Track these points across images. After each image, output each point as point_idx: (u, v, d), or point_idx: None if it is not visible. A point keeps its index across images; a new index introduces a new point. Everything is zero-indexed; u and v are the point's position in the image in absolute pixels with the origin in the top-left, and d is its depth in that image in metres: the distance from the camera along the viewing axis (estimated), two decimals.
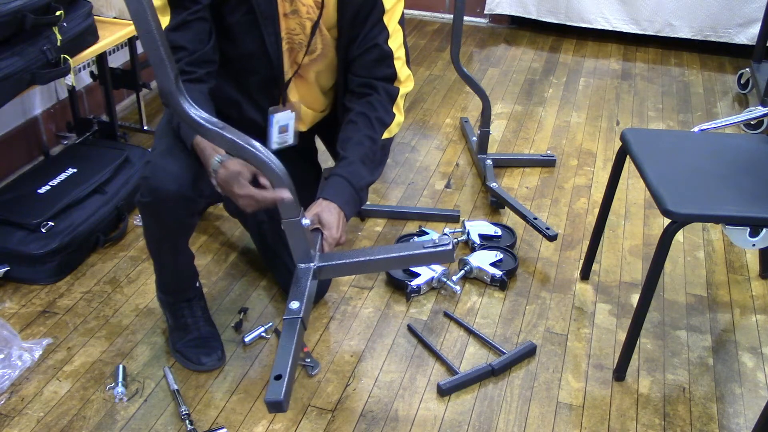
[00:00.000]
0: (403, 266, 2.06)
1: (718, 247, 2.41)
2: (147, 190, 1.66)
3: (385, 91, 1.84)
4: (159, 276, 1.92)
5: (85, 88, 2.85)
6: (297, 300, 1.56)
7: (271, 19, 1.74)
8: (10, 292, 2.10)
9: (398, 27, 1.83)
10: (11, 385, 1.80)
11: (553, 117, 3.21)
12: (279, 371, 1.40)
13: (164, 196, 1.64)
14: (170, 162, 1.66)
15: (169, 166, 1.65)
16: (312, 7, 1.75)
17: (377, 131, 1.83)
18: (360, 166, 1.78)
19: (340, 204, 1.71)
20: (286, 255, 1.93)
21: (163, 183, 1.63)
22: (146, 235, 1.83)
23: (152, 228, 1.78)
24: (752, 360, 1.97)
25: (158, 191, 1.64)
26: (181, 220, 1.74)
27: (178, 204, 1.67)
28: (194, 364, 1.86)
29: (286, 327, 1.52)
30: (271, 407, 1.37)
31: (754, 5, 3.70)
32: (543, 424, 1.76)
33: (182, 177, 1.65)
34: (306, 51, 1.81)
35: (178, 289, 1.91)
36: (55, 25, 2.15)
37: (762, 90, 3.12)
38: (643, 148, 1.91)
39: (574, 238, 2.43)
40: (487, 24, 4.26)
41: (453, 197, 2.63)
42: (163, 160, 1.66)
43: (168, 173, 1.64)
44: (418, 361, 1.92)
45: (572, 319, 2.09)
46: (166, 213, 1.70)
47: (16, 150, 2.59)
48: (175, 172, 1.65)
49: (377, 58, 1.82)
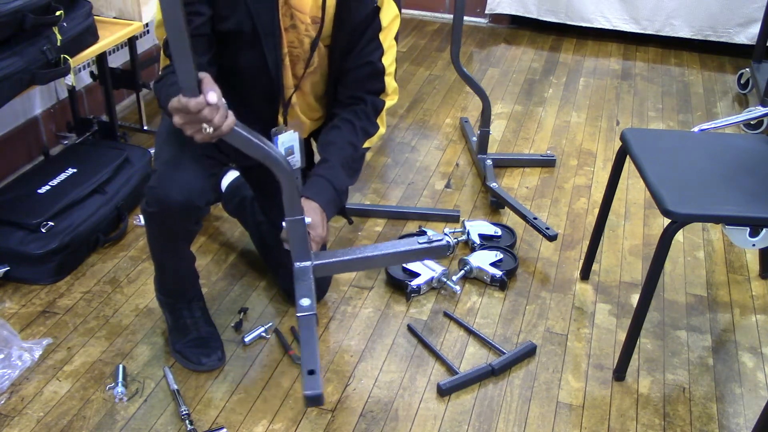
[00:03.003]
0: (399, 262, 2.06)
1: (718, 247, 2.41)
2: (154, 200, 1.66)
3: (372, 103, 1.85)
4: (160, 278, 1.92)
5: (85, 88, 2.85)
6: (307, 297, 1.57)
7: (272, 35, 1.72)
8: (10, 292, 2.10)
9: (393, 43, 1.84)
10: (11, 385, 1.80)
11: (553, 117, 3.21)
12: (311, 366, 1.43)
13: (172, 207, 1.65)
14: (178, 172, 1.66)
15: (177, 177, 1.65)
16: (309, 25, 1.74)
17: (360, 139, 1.84)
18: (341, 170, 1.79)
19: (322, 204, 1.72)
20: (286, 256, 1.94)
21: (171, 193, 1.63)
22: (149, 240, 1.83)
23: (156, 235, 1.78)
24: (752, 360, 1.97)
25: (166, 202, 1.64)
26: (187, 228, 1.76)
27: (185, 214, 1.68)
28: (194, 364, 1.86)
29: (304, 324, 1.53)
30: (310, 401, 1.40)
31: (754, 5, 3.70)
32: (543, 424, 1.76)
33: (190, 187, 1.65)
34: (306, 66, 1.81)
35: (179, 291, 1.92)
36: (55, 25, 2.15)
37: (762, 90, 3.12)
38: (643, 148, 1.91)
39: (574, 238, 2.43)
40: (487, 24, 4.26)
41: (453, 197, 2.63)
42: (171, 170, 1.66)
43: (176, 183, 1.64)
44: (418, 361, 1.92)
45: (572, 319, 2.09)
46: (172, 222, 1.71)
47: (16, 150, 2.59)
48: (183, 182, 1.65)
49: (370, 74, 1.83)
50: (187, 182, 1.65)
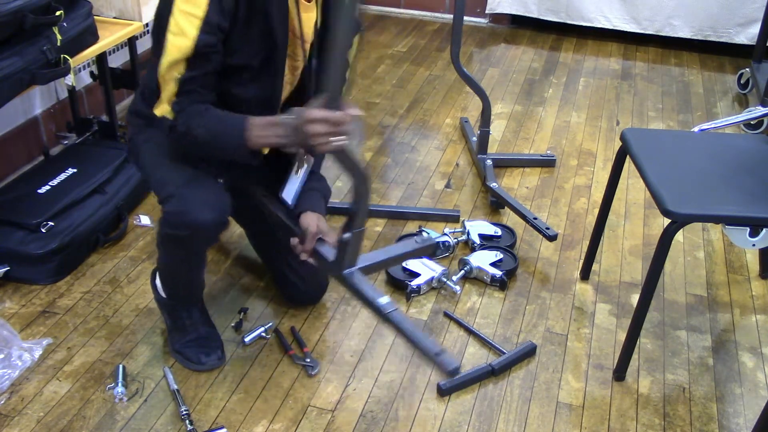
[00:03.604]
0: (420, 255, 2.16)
1: (718, 247, 2.41)
2: (184, 224, 1.65)
3: None
4: (170, 286, 1.91)
5: (85, 88, 2.85)
6: (380, 295, 1.70)
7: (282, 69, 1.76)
8: (10, 292, 2.10)
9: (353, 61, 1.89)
10: (11, 385, 1.80)
11: (553, 117, 3.21)
12: (437, 348, 1.57)
13: (205, 227, 1.66)
14: (201, 192, 1.67)
15: (203, 196, 1.66)
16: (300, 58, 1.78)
17: None
18: (323, 179, 1.98)
19: (323, 214, 1.89)
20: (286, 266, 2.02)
21: (202, 214, 1.64)
22: (167, 258, 1.83)
23: (178, 254, 1.78)
24: (752, 360, 1.97)
25: (197, 223, 1.65)
26: (212, 243, 1.81)
27: (217, 231, 1.71)
28: (194, 363, 1.86)
29: (397, 317, 1.66)
30: (451, 374, 1.57)
31: (754, 5, 3.70)
32: (543, 424, 1.76)
33: (218, 204, 1.67)
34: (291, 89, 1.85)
35: (188, 296, 1.92)
36: (55, 25, 2.15)
37: (762, 90, 3.12)
38: (643, 148, 1.91)
39: (574, 238, 2.43)
40: (487, 24, 4.26)
41: (453, 197, 2.63)
42: (193, 192, 1.66)
43: (205, 203, 1.65)
44: (418, 361, 1.92)
45: (572, 319, 2.09)
46: (201, 242, 1.75)
47: (16, 150, 2.59)
48: (211, 200, 1.67)
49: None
50: (215, 199, 1.68)
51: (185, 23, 1.54)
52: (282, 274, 2.05)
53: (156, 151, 1.79)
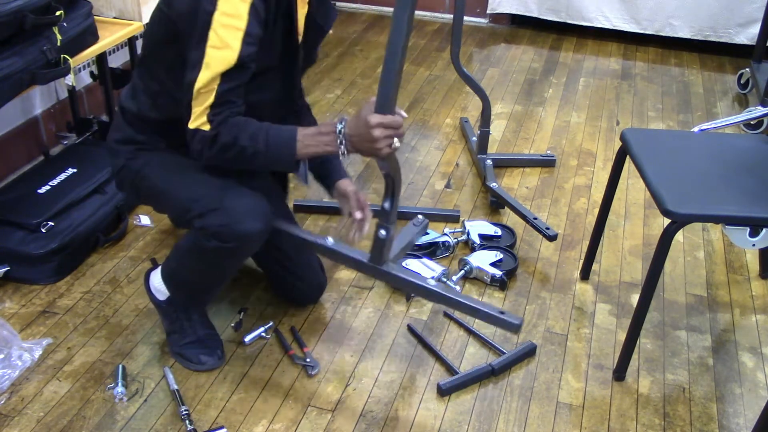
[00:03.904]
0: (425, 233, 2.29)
1: (718, 247, 2.41)
2: (231, 236, 1.63)
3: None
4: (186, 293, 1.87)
5: (85, 88, 2.85)
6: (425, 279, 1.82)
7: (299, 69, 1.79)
8: (10, 292, 2.10)
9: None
10: (11, 385, 1.80)
11: (553, 117, 3.21)
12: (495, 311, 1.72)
13: (253, 236, 1.65)
14: (244, 200, 1.65)
15: (246, 205, 1.65)
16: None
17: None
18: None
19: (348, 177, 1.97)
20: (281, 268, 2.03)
21: (250, 224, 1.63)
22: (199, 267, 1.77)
23: (218, 266, 1.75)
24: (752, 360, 1.97)
25: (246, 234, 1.63)
26: (256, 250, 1.77)
27: (263, 238, 1.70)
28: (194, 363, 1.86)
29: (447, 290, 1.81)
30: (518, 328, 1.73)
31: (754, 5, 3.70)
32: (543, 424, 1.76)
33: (261, 210, 1.66)
34: None
35: (199, 303, 1.91)
36: (55, 25, 2.15)
37: (762, 90, 3.12)
38: (643, 148, 1.91)
39: (574, 238, 2.43)
40: (488, 24, 4.26)
41: (453, 197, 2.63)
42: (234, 202, 1.64)
43: (248, 213, 1.64)
44: (418, 361, 1.92)
45: (572, 319, 2.09)
46: (248, 251, 1.76)
47: (16, 150, 2.59)
48: (255, 208, 1.65)
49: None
50: (258, 206, 1.66)
51: (228, 36, 1.51)
52: (279, 277, 2.05)
53: (165, 171, 1.75)
